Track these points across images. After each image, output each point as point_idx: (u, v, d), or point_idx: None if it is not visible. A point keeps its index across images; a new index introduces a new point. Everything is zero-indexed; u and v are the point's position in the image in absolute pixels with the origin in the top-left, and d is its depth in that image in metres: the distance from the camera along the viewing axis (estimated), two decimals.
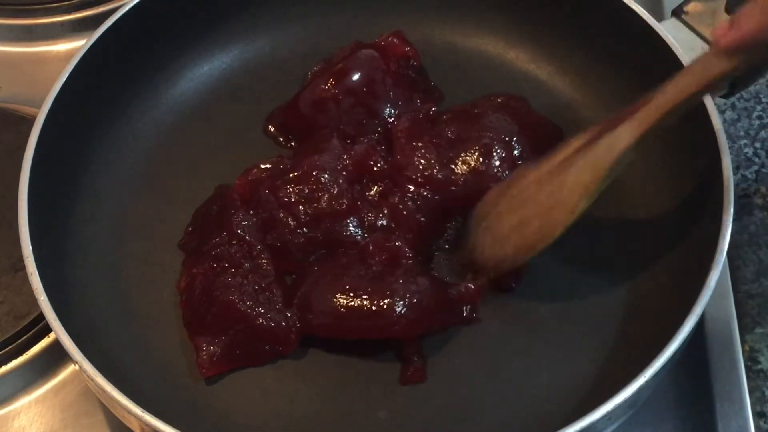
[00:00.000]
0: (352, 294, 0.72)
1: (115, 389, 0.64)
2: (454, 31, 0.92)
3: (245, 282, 0.74)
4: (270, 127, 0.87)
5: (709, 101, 0.73)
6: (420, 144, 0.78)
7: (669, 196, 0.79)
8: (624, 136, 0.68)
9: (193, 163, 0.85)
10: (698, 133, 0.74)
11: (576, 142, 0.71)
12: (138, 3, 0.83)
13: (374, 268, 0.73)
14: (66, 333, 0.66)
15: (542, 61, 0.89)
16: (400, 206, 0.76)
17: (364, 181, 0.78)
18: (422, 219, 0.76)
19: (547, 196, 0.71)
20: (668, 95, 0.67)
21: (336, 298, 0.72)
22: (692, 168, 0.76)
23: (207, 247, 0.76)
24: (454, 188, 0.77)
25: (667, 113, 0.67)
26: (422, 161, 0.78)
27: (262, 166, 0.80)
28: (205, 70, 0.90)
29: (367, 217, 0.77)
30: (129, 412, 0.64)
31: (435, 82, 0.89)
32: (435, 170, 0.77)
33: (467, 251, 0.76)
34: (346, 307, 0.71)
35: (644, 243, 0.78)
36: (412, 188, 0.77)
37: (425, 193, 0.77)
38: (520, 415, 0.71)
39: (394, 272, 0.73)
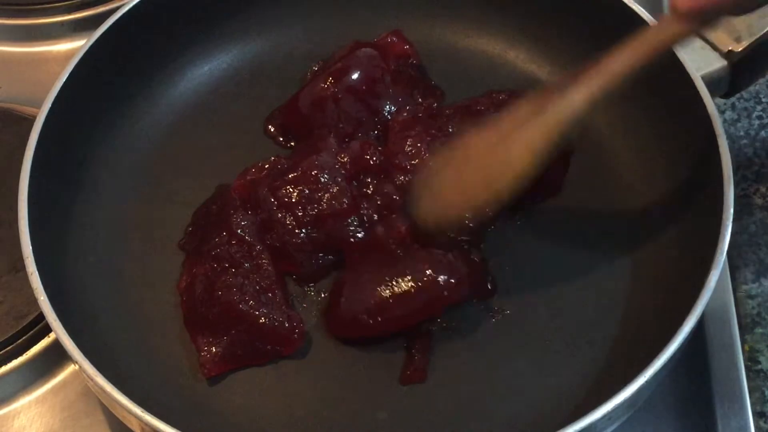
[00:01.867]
0: (394, 282, 0.72)
1: (115, 389, 0.64)
2: (454, 31, 0.92)
3: (246, 282, 0.74)
4: (270, 127, 0.87)
5: (709, 102, 0.73)
6: (412, 133, 0.79)
7: (669, 196, 0.79)
8: (575, 98, 0.67)
9: (193, 163, 0.85)
10: (699, 134, 0.74)
11: (525, 104, 0.71)
12: (138, 3, 0.83)
13: (398, 252, 0.74)
14: (66, 333, 0.66)
15: (542, 61, 0.90)
16: (394, 196, 0.77)
17: (361, 177, 0.78)
18: None
19: (494, 156, 0.71)
20: (620, 59, 0.66)
21: (381, 289, 0.72)
22: (692, 168, 0.76)
23: (207, 247, 0.76)
24: None
25: (619, 76, 0.66)
26: (413, 149, 0.78)
27: (261, 166, 0.80)
28: (205, 70, 0.90)
29: (365, 213, 0.77)
30: (129, 412, 0.64)
31: (435, 81, 0.88)
32: (425, 158, 0.77)
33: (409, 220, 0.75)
34: (394, 295, 0.72)
35: (644, 243, 0.78)
36: (402, 176, 0.77)
37: None
38: (520, 415, 0.71)
39: (418, 250, 0.73)
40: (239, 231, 0.76)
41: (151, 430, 0.64)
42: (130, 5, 0.83)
